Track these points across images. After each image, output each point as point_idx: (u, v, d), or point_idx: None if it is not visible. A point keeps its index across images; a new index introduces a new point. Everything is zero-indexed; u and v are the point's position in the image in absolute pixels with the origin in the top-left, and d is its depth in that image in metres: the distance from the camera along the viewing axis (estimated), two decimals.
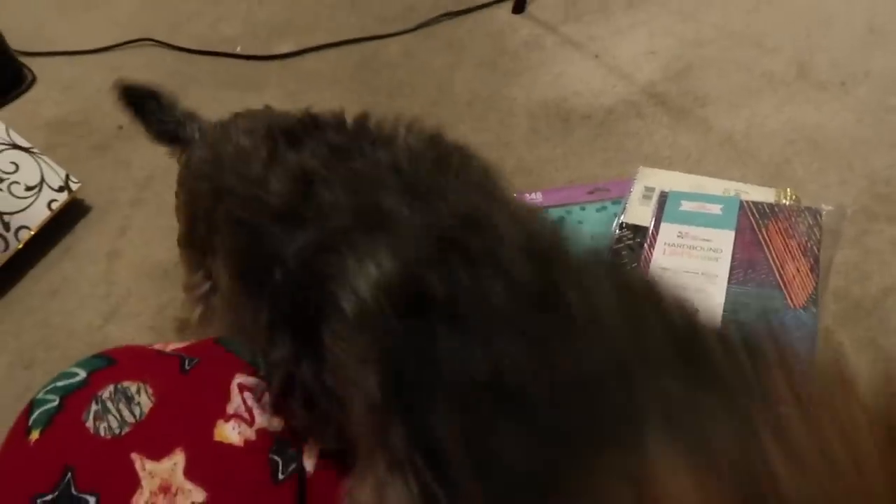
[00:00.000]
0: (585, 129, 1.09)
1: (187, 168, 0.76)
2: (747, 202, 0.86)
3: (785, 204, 0.86)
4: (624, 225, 0.89)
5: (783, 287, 0.76)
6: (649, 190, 0.94)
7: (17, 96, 1.37)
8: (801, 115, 1.05)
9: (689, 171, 0.99)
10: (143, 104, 0.85)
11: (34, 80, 1.41)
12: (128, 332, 0.92)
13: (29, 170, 1.03)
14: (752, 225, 0.83)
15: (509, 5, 1.36)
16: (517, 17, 1.34)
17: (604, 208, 0.95)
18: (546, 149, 1.07)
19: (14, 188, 1.00)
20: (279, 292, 0.50)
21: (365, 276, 0.44)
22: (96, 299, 0.97)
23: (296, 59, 1.35)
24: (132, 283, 0.99)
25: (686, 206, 0.88)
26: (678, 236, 0.84)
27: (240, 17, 1.49)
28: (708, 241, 0.83)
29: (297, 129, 0.60)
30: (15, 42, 1.48)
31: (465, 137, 1.11)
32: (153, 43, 1.44)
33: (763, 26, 1.22)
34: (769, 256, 0.79)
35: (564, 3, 1.35)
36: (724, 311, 0.77)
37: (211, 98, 1.28)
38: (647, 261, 0.83)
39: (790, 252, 0.79)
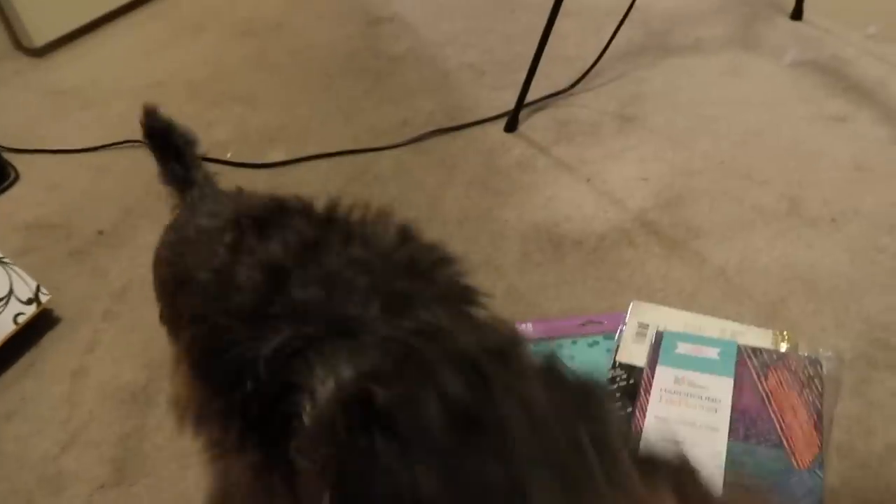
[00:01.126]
0: (577, 256, 1.08)
1: (158, 247, 0.75)
2: (745, 347, 0.83)
3: (783, 351, 0.83)
4: (618, 364, 0.86)
5: (787, 446, 0.73)
6: (643, 326, 0.91)
7: None
8: (793, 251, 1.04)
9: (684, 307, 0.97)
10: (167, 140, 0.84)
11: (17, 177, 1.39)
12: (84, 465, 0.86)
13: None
14: (750, 373, 0.80)
15: (501, 124, 1.38)
16: (509, 136, 1.36)
17: (596, 343, 0.92)
18: (538, 275, 1.05)
19: None
20: (249, 400, 0.49)
21: (326, 388, 0.45)
22: (55, 424, 0.91)
23: (286, 168, 1.34)
24: (96, 405, 0.93)
25: (682, 348, 0.85)
26: (675, 382, 0.80)
27: (233, 122, 1.49)
28: (705, 388, 0.79)
29: (264, 215, 0.59)
30: (5, 138, 1.47)
31: None
32: (143, 144, 1.42)
33: (752, 159, 1.23)
34: (771, 411, 0.75)
35: (556, 124, 1.37)
36: (726, 467, 0.73)
37: None
38: (643, 407, 0.79)
39: (792, 406, 0.76)
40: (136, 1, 1.96)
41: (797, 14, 1.64)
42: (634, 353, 0.87)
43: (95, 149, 1.43)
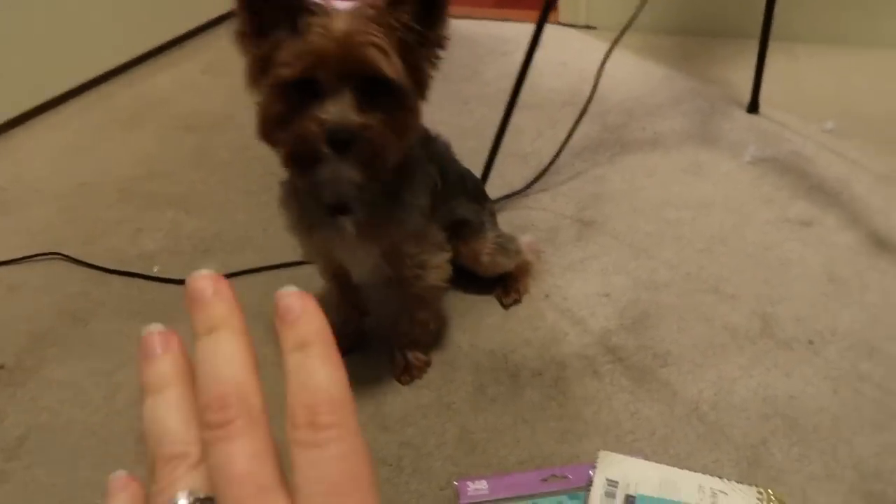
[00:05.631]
0: (537, 390, 0.97)
1: None
2: None
3: None
4: None
5: None
6: (612, 484, 0.80)
7: None
8: (771, 380, 0.96)
9: (656, 452, 0.87)
10: None
11: None
12: None
13: None
14: None
15: None
16: None
17: None
18: (493, 414, 0.94)
19: None
20: None
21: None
22: None
23: None
24: None
25: None
26: None
27: (164, 229, 1.37)
28: None
29: None
30: None
31: (405, 400, 0.97)
32: (61, 258, 1.30)
33: (719, 268, 1.16)
34: None
35: (512, 229, 1.28)
36: None
37: (115, 331, 1.13)
38: None
39: None
40: (67, 93, 1.86)
41: (753, 107, 1.61)
42: None
43: (9, 262, 1.30)
